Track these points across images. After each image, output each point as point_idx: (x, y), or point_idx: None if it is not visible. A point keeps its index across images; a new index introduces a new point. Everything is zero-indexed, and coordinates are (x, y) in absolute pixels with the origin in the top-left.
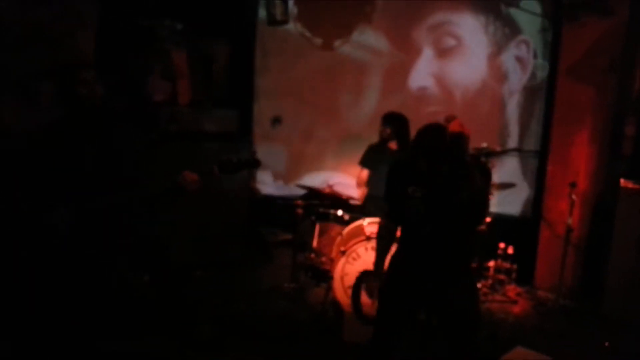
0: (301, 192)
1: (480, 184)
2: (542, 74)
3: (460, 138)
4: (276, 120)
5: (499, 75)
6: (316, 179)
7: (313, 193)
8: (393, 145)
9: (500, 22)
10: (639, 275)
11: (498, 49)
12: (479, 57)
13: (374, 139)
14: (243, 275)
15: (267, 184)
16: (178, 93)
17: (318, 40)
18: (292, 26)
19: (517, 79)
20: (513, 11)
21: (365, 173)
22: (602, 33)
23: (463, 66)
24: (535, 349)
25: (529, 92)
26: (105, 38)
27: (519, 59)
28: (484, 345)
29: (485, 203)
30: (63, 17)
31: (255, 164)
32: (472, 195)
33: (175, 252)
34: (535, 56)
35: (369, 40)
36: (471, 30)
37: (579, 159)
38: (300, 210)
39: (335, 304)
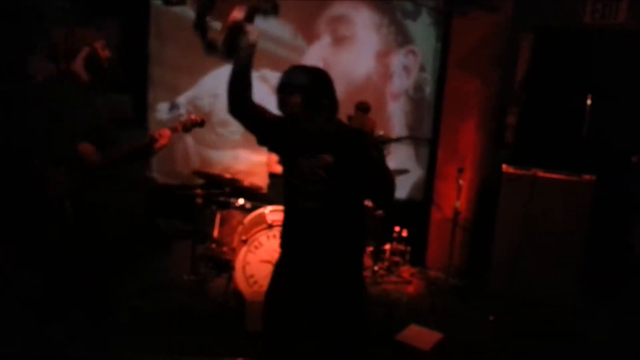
0: (200, 181)
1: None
2: (428, 89)
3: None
4: (173, 107)
5: (385, 76)
6: (216, 167)
7: (212, 180)
8: None
9: (393, 27)
10: (521, 254)
11: (387, 50)
12: (367, 53)
13: None
14: (140, 269)
15: (163, 173)
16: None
17: (216, 24)
18: (190, 8)
19: (400, 84)
20: (409, 23)
21: (274, 158)
22: (489, 27)
23: (352, 58)
24: (428, 326)
25: (417, 104)
26: None
27: (405, 67)
28: (381, 325)
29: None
30: None
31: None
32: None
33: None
34: (422, 69)
35: (270, 28)
36: (365, 27)
37: (466, 147)
38: (199, 200)
39: (237, 293)
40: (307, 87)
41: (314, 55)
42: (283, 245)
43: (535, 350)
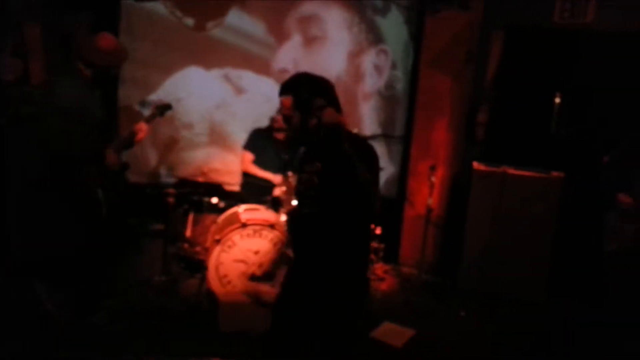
0: (172, 179)
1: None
2: (400, 86)
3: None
4: (144, 104)
5: (356, 76)
6: (189, 166)
7: (185, 182)
8: (280, 135)
9: (364, 25)
10: (491, 250)
11: (359, 50)
12: (339, 53)
13: (246, 121)
14: (111, 269)
15: (135, 172)
16: (30, 72)
17: (189, 21)
18: (162, 5)
19: (372, 84)
20: (379, 20)
21: (249, 156)
22: (461, 26)
23: (323, 58)
24: (401, 322)
25: (389, 101)
26: None
27: (376, 67)
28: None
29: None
30: None
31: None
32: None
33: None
34: (394, 67)
35: (242, 24)
36: (336, 26)
37: (438, 144)
38: (171, 199)
39: (210, 294)
40: (298, 87)
41: (285, 56)
42: (293, 250)
43: (505, 345)
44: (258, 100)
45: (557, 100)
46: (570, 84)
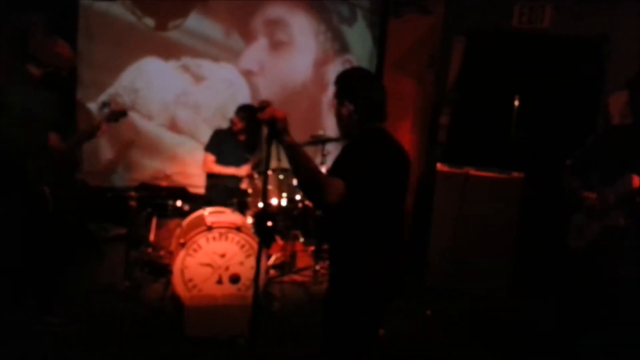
0: (134, 182)
1: None
2: None
3: None
4: (104, 105)
5: (321, 85)
6: (149, 169)
7: (147, 186)
8: (242, 137)
9: (330, 34)
10: (456, 249)
11: (324, 58)
12: (305, 60)
13: (208, 109)
14: (72, 275)
15: (95, 175)
16: None
17: (150, 21)
18: (121, 4)
19: None
20: (345, 29)
21: (211, 157)
22: (423, 30)
23: (289, 64)
24: None
25: None
26: None
27: None
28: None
29: None
30: None
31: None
32: None
33: None
34: None
35: (202, 27)
36: (302, 33)
37: (402, 136)
38: (133, 203)
39: (175, 298)
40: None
41: (251, 57)
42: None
43: (471, 342)
44: (219, 86)
45: (517, 102)
46: (528, 86)
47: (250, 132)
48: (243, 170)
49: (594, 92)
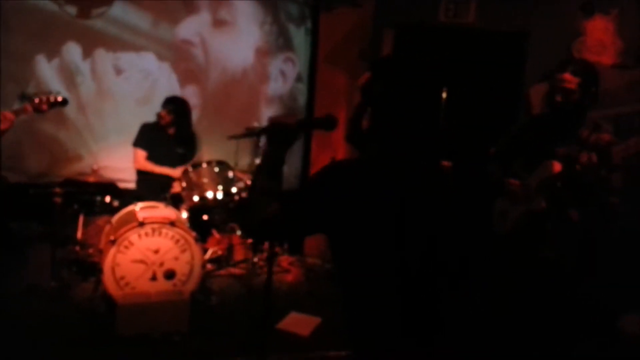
0: (58, 178)
1: None
2: (303, 99)
3: None
4: (24, 98)
5: (262, 75)
6: (76, 164)
7: (73, 182)
8: (171, 130)
9: (276, 27)
10: None
11: (267, 50)
12: (247, 46)
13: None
14: None
15: (16, 171)
16: None
17: (72, 9)
18: None
19: (276, 88)
20: (292, 28)
21: (141, 153)
22: (353, 23)
23: (230, 44)
24: (307, 312)
25: (290, 111)
26: None
27: (282, 72)
28: (260, 317)
29: None
30: None
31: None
32: None
33: None
34: (299, 79)
35: (127, 16)
36: (247, 18)
37: (337, 139)
38: (58, 200)
39: (107, 297)
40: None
41: (190, 28)
42: None
43: None
44: (136, 77)
45: (444, 95)
46: (455, 80)
47: (179, 125)
48: (178, 171)
49: (516, 84)
